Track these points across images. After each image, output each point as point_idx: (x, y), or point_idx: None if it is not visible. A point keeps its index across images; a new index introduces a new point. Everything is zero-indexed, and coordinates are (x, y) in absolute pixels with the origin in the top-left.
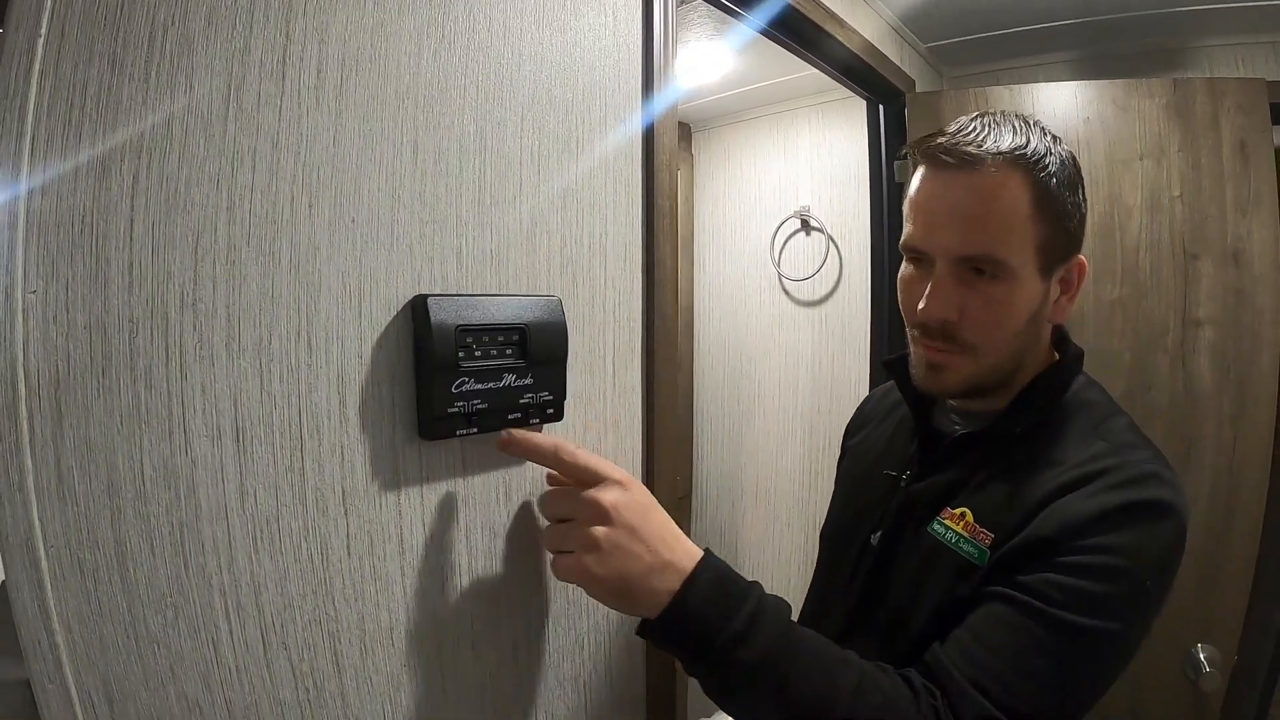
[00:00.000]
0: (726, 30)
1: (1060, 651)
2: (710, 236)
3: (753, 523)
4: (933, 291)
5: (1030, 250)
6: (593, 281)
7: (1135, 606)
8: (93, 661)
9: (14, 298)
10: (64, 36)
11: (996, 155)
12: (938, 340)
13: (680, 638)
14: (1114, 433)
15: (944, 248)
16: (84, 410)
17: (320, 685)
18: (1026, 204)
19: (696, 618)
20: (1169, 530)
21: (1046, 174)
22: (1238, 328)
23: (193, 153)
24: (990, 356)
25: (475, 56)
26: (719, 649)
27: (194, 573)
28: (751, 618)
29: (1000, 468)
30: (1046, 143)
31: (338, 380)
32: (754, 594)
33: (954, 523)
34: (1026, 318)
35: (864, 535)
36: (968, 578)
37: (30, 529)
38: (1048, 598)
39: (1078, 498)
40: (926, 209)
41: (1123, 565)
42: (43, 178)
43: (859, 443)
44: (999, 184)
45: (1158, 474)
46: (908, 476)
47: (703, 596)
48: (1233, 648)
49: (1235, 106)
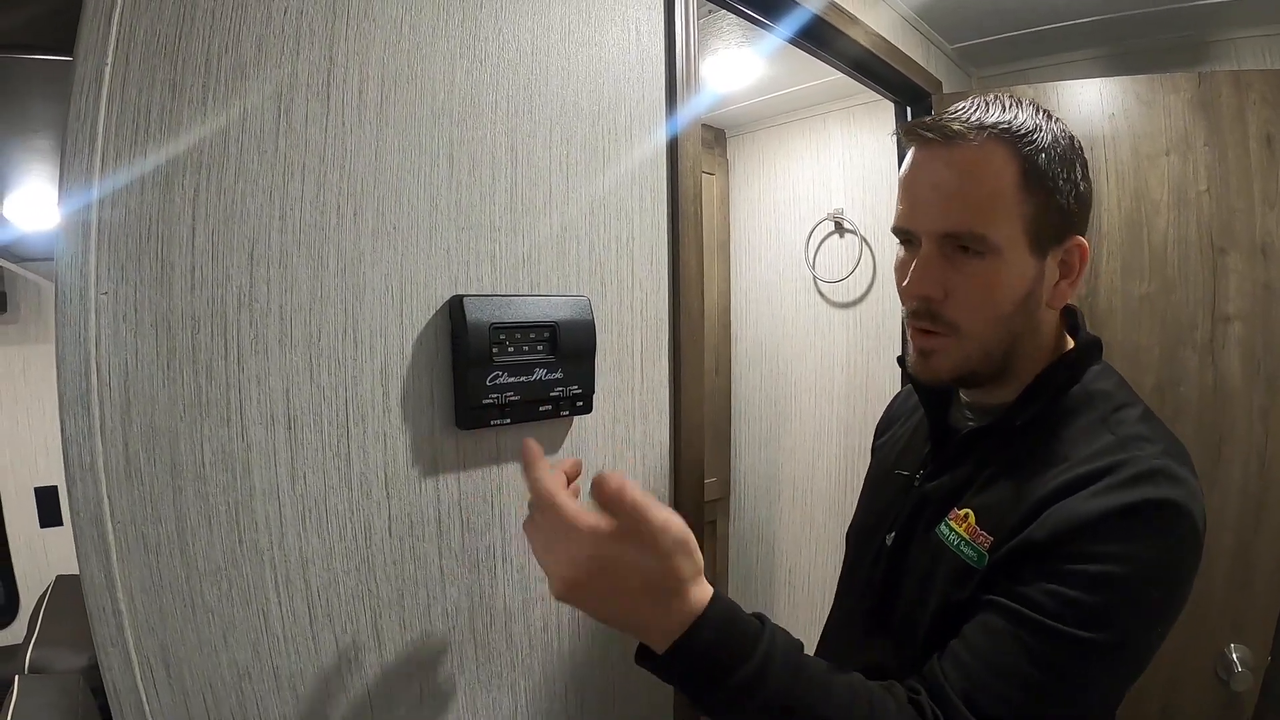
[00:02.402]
0: (754, 38)
1: (1053, 663)
2: (746, 240)
3: (789, 523)
4: (916, 269)
5: (1017, 226)
6: (620, 282)
7: (1136, 616)
8: (152, 628)
9: (88, 298)
10: (129, 65)
11: (980, 129)
12: (924, 321)
13: (687, 677)
14: (1124, 425)
15: (926, 225)
16: (150, 399)
17: (361, 657)
18: (1012, 178)
19: (705, 657)
20: (1177, 532)
21: (1034, 148)
22: (1267, 322)
23: (247, 167)
24: (976, 339)
25: (505, 73)
26: (732, 689)
27: (247, 548)
28: (766, 658)
29: (1004, 465)
30: (1037, 119)
31: (381, 373)
32: (766, 634)
33: (958, 524)
34: (1017, 299)
35: (880, 536)
36: (965, 582)
37: (99, 506)
38: (1040, 606)
39: (1077, 500)
40: (910, 187)
41: (1121, 573)
42: (112, 191)
43: (883, 444)
44: (981, 158)
45: (1165, 469)
46: (921, 476)
47: (711, 638)
48: (1266, 648)
49: (1261, 99)
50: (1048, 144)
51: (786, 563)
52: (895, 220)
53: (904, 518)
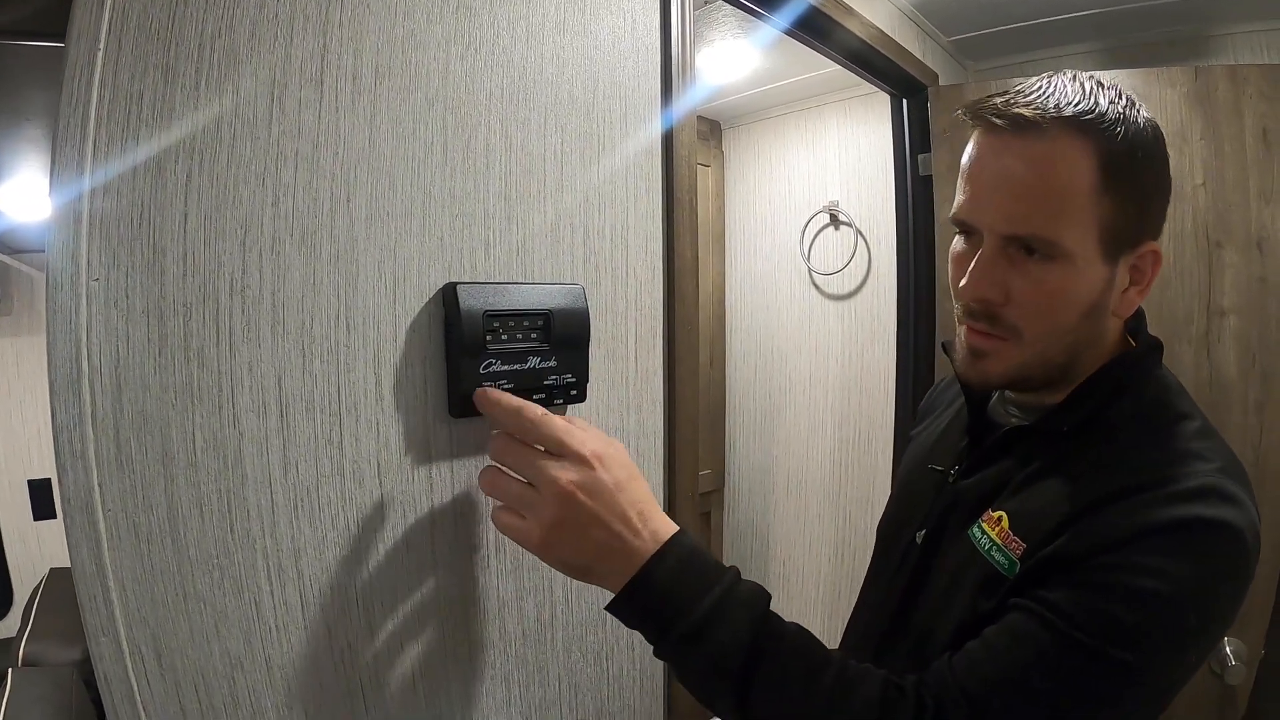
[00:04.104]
0: (751, 29)
1: (1067, 675)
2: (741, 232)
3: (783, 515)
4: (976, 269)
5: (1091, 231)
6: (615, 271)
7: (1168, 639)
8: (144, 617)
9: (79, 284)
10: (121, 50)
11: (1056, 118)
12: (980, 322)
13: (641, 618)
14: (1180, 438)
15: (990, 222)
16: (141, 386)
17: (354, 646)
18: (1089, 176)
19: (660, 598)
20: (1225, 554)
21: (1115, 142)
22: (1263, 316)
23: (240, 153)
24: (1037, 346)
25: (500, 61)
26: (681, 632)
27: (239, 537)
28: (719, 602)
29: (1045, 468)
30: (1121, 107)
31: (374, 361)
32: (726, 578)
33: (990, 527)
34: (1084, 308)
35: (910, 533)
36: (994, 590)
37: (90, 494)
38: (1065, 614)
39: (1120, 509)
40: (975, 177)
41: (1157, 590)
42: (104, 176)
43: (919, 432)
44: (1056, 152)
45: (1220, 488)
46: (955, 472)
47: (666, 577)
48: (1260, 641)
49: (1258, 94)
50: (1132, 137)
51: (781, 555)
52: (955, 210)
53: (936, 516)
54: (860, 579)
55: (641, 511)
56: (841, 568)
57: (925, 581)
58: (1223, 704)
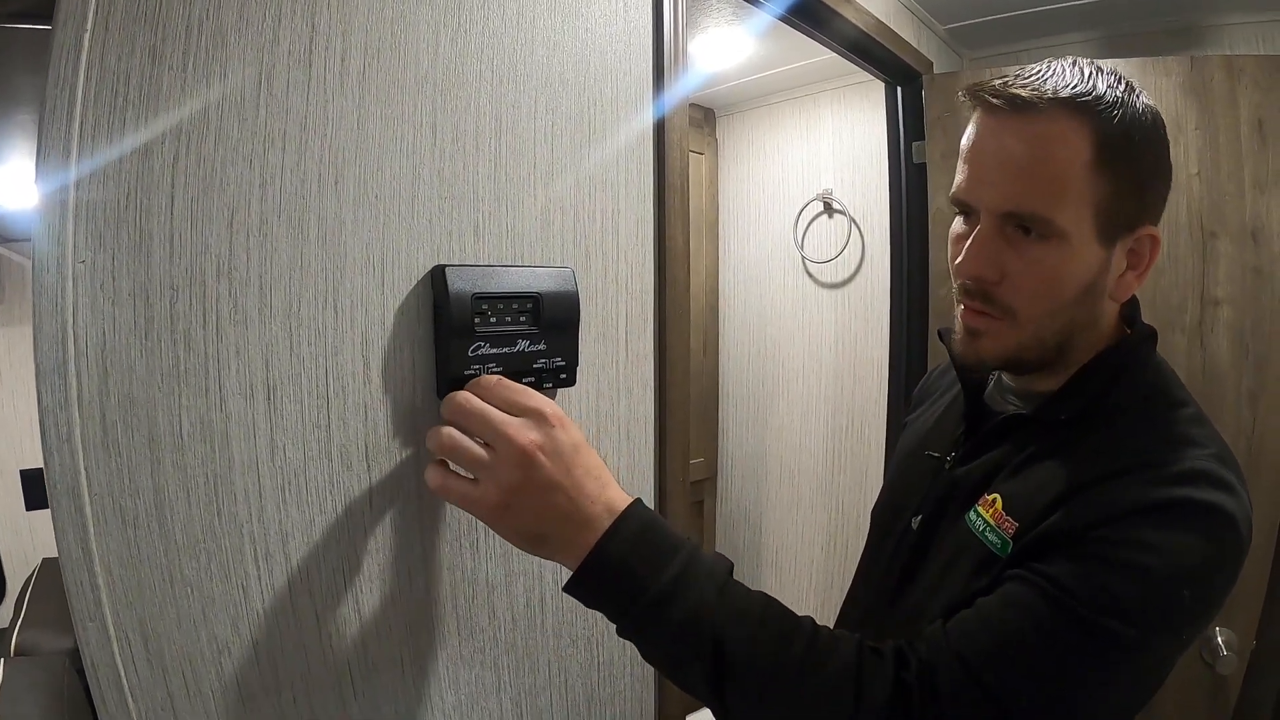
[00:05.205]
0: (745, 16)
1: (1064, 646)
2: (734, 220)
3: (776, 503)
4: (972, 247)
5: (1087, 211)
6: (605, 255)
7: (1164, 615)
8: (130, 602)
9: (65, 266)
10: (108, 31)
11: (1053, 99)
12: (976, 300)
13: (600, 594)
14: (1175, 424)
15: (987, 201)
16: (128, 369)
17: (342, 631)
18: (1085, 156)
19: (618, 572)
20: (1218, 537)
21: (1112, 124)
22: (1256, 307)
23: (228, 135)
24: (1031, 326)
25: (490, 43)
26: (644, 606)
27: (226, 521)
28: (682, 571)
29: (1041, 452)
30: (1119, 91)
31: (362, 343)
32: (686, 547)
33: (985, 509)
34: (1078, 289)
35: (906, 519)
36: (988, 570)
37: (76, 477)
38: (1064, 586)
39: (1114, 487)
40: (973, 157)
41: (1154, 565)
42: (90, 159)
43: (915, 418)
44: (1052, 131)
45: (1212, 473)
46: (952, 459)
47: (624, 549)
48: (1251, 632)
49: (1253, 84)
50: (1128, 120)
51: (774, 543)
52: (954, 190)
53: (932, 501)
54: (854, 567)
55: (599, 478)
56: (834, 556)
57: (921, 566)
58: (1214, 694)
